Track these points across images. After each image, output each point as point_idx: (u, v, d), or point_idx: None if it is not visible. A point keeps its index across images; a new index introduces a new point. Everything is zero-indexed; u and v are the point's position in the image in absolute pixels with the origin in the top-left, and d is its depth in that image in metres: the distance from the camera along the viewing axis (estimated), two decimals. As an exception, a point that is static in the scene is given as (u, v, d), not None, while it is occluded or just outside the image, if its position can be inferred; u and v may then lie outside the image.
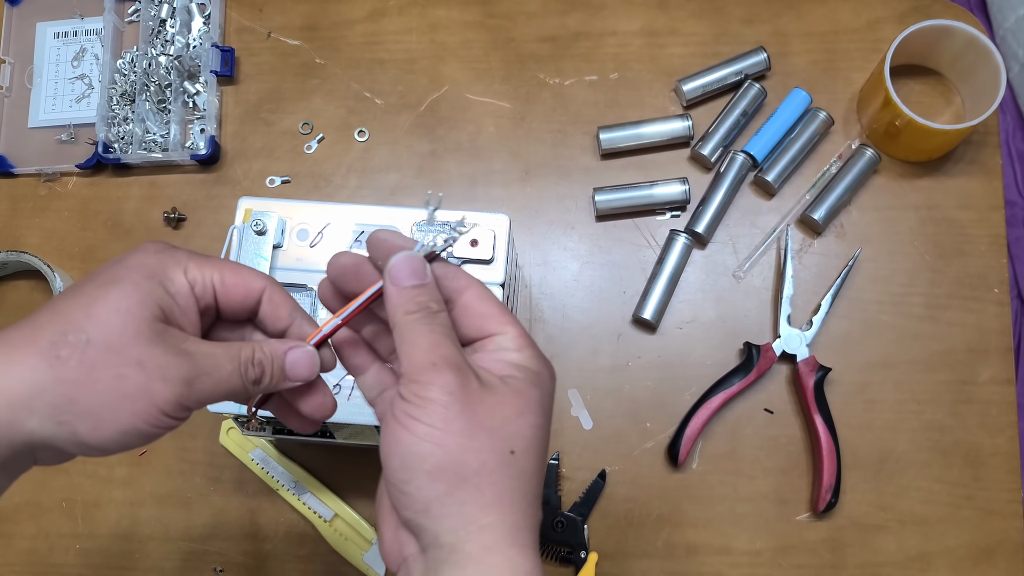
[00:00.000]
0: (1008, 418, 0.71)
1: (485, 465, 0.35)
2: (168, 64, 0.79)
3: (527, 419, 0.36)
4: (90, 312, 0.35)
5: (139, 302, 0.36)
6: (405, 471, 0.35)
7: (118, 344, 0.35)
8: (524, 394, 0.37)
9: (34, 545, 0.72)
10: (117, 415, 0.35)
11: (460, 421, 0.35)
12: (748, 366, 0.71)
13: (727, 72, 0.77)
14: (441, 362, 0.36)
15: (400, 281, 0.37)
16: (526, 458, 0.36)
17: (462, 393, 0.35)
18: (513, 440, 0.36)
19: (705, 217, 0.74)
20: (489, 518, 0.35)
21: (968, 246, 0.74)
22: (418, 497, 0.35)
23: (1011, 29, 1.01)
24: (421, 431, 0.35)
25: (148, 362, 0.35)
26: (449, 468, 0.35)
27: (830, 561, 0.69)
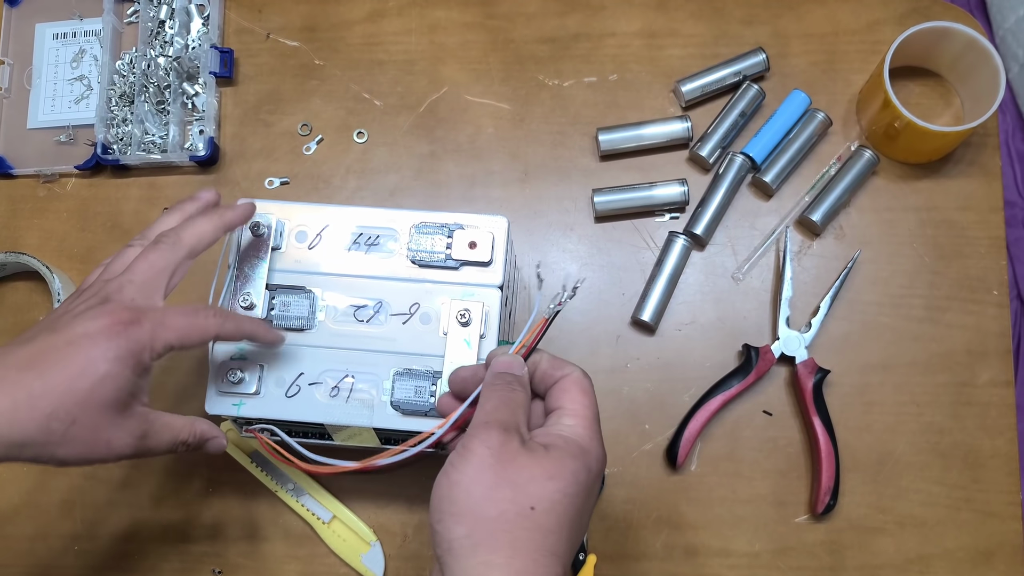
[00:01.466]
0: (1007, 420, 0.71)
1: (503, 515, 0.39)
2: (167, 65, 0.79)
3: (555, 483, 0.41)
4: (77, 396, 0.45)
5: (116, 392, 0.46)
6: (438, 511, 0.41)
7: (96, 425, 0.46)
8: (560, 462, 0.41)
9: (33, 546, 0.72)
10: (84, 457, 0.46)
11: (490, 473, 0.40)
12: (747, 368, 0.71)
13: (726, 73, 0.77)
14: (493, 421, 0.43)
15: (496, 368, 0.47)
16: (547, 517, 0.40)
17: (500, 449, 0.41)
18: (536, 499, 0.40)
19: (704, 219, 0.74)
20: (497, 560, 0.39)
21: (968, 248, 0.74)
22: (444, 536, 0.40)
23: (1011, 30, 1.01)
24: (455, 477, 0.41)
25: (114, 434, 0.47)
26: (471, 513, 0.40)
27: (829, 563, 0.69)
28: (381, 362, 0.57)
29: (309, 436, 0.61)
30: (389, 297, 0.58)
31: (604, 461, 0.45)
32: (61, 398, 0.44)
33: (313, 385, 0.57)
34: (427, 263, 0.58)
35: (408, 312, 0.58)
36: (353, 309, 0.58)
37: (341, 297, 0.58)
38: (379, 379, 0.57)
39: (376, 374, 0.57)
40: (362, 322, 0.58)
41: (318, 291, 0.58)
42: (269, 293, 0.58)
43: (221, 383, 0.57)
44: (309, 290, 0.58)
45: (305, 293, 0.58)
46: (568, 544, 0.41)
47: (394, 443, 0.61)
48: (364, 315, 0.58)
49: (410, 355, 0.57)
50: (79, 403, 0.44)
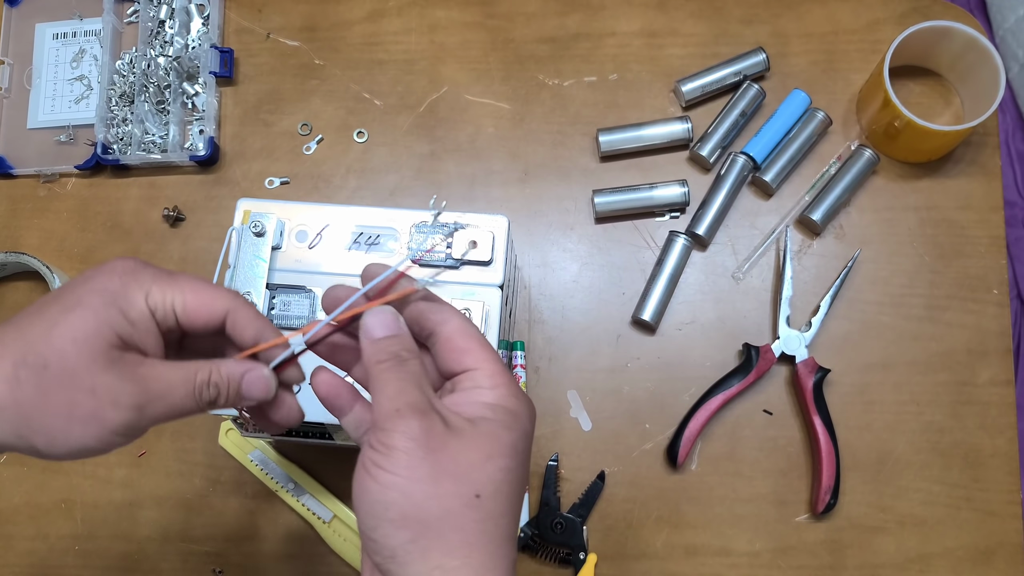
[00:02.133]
0: (1007, 419, 0.71)
1: (449, 511, 0.35)
2: (167, 65, 0.79)
3: (496, 463, 0.36)
4: (50, 337, 0.37)
5: (96, 330, 0.37)
6: (372, 518, 0.36)
7: (72, 370, 0.37)
8: (494, 436, 0.37)
9: (33, 546, 0.72)
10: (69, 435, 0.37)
11: (423, 468, 0.35)
12: (747, 367, 0.71)
13: (726, 73, 0.77)
14: (405, 408, 0.36)
15: (373, 334, 0.39)
16: (494, 502, 0.36)
17: (425, 439, 0.36)
18: (480, 485, 0.36)
19: (706, 219, 0.74)
20: (454, 562, 0.35)
21: (968, 247, 0.74)
22: (385, 544, 0.35)
23: (1011, 30, 1.01)
24: (385, 479, 0.35)
25: (99, 389, 0.37)
26: (413, 516, 0.35)
27: (829, 562, 0.69)
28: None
29: (310, 436, 0.61)
30: (389, 296, 0.58)
31: (534, 415, 0.40)
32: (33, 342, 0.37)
33: (314, 384, 0.57)
34: (428, 262, 0.58)
35: (408, 311, 0.58)
36: (353, 308, 0.58)
37: (341, 296, 0.58)
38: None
39: (377, 373, 0.57)
40: (362, 321, 0.58)
41: (318, 291, 0.58)
42: (269, 292, 0.58)
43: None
44: (309, 290, 0.58)
45: (305, 293, 0.58)
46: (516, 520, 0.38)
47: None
48: (364, 314, 0.58)
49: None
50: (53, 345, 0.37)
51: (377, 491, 0.35)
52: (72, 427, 0.37)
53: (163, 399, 0.38)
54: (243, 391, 0.41)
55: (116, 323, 0.38)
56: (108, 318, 0.38)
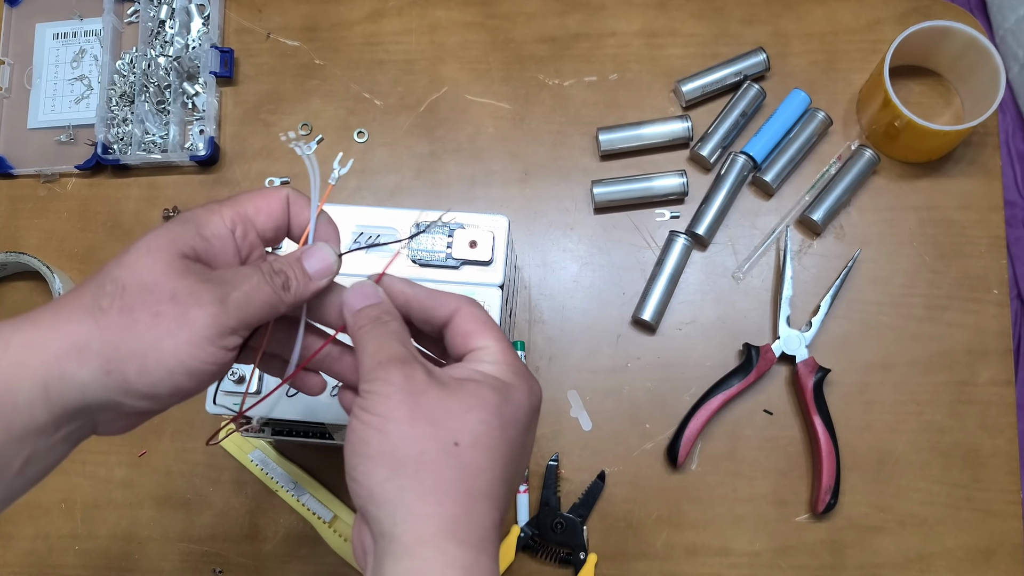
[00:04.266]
0: (1007, 419, 0.71)
1: (425, 453, 0.35)
2: (167, 65, 0.79)
3: (476, 415, 0.37)
4: (122, 260, 0.37)
5: (167, 243, 0.37)
6: (353, 457, 0.36)
7: (150, 283, 0.36)
8: (477, 395, 0.37)
9: (33, 546, 0.72)
10: (162, 352, 0.35)
11: (402, 409, 0.36)
12: (747, 367, 0.71)
13: (726, 73, 0.77)
14: (386, 360, 0.37)
15: (353, 306, 0.40)
16: (472, 453, 0.36)
17: (405, 383, 0.36)
18: (457, 433, 0.36)
19: (706, 219, 0.74)
20: (426, 508, 0.35)
21: (968, 247, 0.74)
22: (363, 483, 0.36)
23: (1011, 29, 1.01)
24: (366, 419, 0.36)
25: (180, 292, 0.36)
26: (388, 452, 0.35)
27: (829, 562, 0.69)
28: (382, 361, 0.57)
29: (310, 436, 0.61)
30: (390, 296, 0.58)
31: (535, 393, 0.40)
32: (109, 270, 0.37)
33: (314, 384, 0.57)
34: (428, 262, 0.58)
35: (409, 311, 0.58)
36: (354, 308, 0.58)
37: (342, 296, 0.58)
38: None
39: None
40: (363, 321, 0.58)
41: (319, 290, 0.58)
42: (270, 292, 0.58)
43: (222, 382, 0.57)
44: (310, 289, 0.58)
45: (306, 292, 0.58)
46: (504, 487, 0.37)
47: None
48: (365, 314, 0.58)
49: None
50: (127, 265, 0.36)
51: (360, 429, 0.36)
52: (164, 341, 0.35)
53: (240, 287, 0.37)
54: (307, 267, 0.40)
55: (189, 237, 0.38)
56: (180, 233, 0.38)
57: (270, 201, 0.42)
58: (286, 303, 0.39)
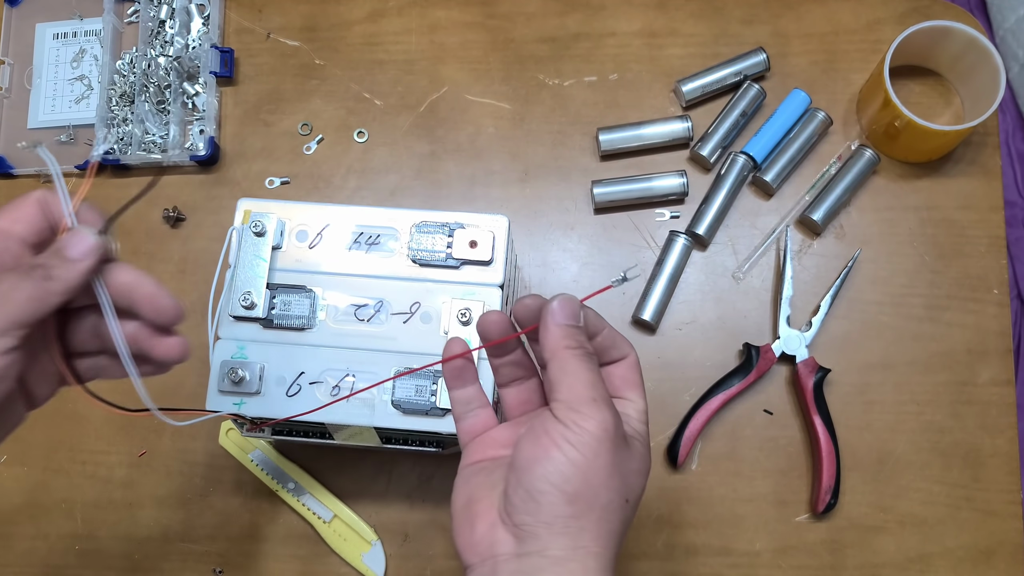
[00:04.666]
0: (1008, 419, 0.71)
1: (611, 503, 0.38)
2: (167, 65, 0.79)
3: (644, 478, 0.41)
4: None
5: None
6: (545, 483, 0.37)
7: None
8: (642, 457, 0.41)
9: (33, 546, 0.72)
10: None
11: (607, 458, 0.38)
12: (747, 367, 0.71)
13: (726, 73, 0.77)
14: (602, 400, 0.39)
15: (559, 319, 0.40)
16: (632, 510, 0.40)
17: (615, 431, 0.38)
18: (631, 491, 0.40)
19: (706, 219, 0.74)
20: (597, 548, 0.38)
21: (968, 247, 0.74)
22: (548, 510, 0.37)
23: (1011, 29, 1.01)
24: (572, 454, 0.37)
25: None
26: (584, 496, 0.38)
27: (829, 562, 0.69)
28: (382, 361, 0.57)
29: (310, 435, 0.61)
30: (390, 296, 0.58)
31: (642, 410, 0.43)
32: None
33: (314, 384, 0.57)
34: (428, 262, 0.58)
35: (409, 311, 0.58)
36: (354, 308, 0.58)
37: (342, 296, 0.58)
38: (380, 378, 0.57)
39: (377, 373, 0.57)
40: (363, 321, 0.58)
41: (319, 290, 0.58)
42: (270, 292, 0.58)
43: (222, 382, 0.57)
44: (310, 289, 0.58)
45: (306, 292, 0.58)
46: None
47: (395, 443, 0.61)
48: (365, 314, 0.58)
49: (411, 354, 0.57)
50: None
51: (560, 461, 0.37)
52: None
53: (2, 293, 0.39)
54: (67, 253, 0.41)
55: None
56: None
57: (23, 209, 0.42)
58: (56, 292, 0.40)
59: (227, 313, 0.58)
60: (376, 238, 0.59)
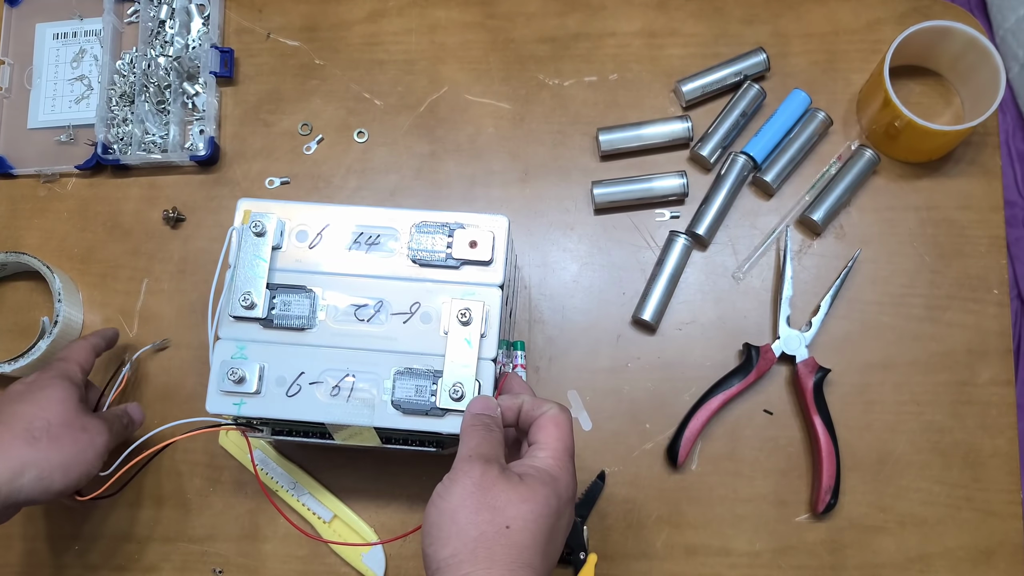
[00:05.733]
0: (1008, 419, 0.71)
1: (483, 534, 0.45)
2: (167, 65, 0.79)
3: (528, 505, 0.46)
4: (43, 408, 0.60)
5: (67, 394, 0.62)
6: (428, 536, 0.46)
7: (67, 420, 0.60)
8: (532, 488, 0.47)
9: (33, 546, 0.72)
10: (80, 462, 0.60)
11: (472, 500, 0.46)
12: (747, 367, 0.71)
13: (727, 73, 0.77)
14: (475, 456, 0.48)
15: (472, 410, 0.53)
16: (521, 534, 0.45)
17: (481, 479, 0.47)
18: (511, 519, 0.45)
19: (706, 219, 0.74)
20: (478, 573, 0.44)
21: (968, 247, 0.74)
22: (433, 557, 0.45)
23: (1011, 30, 1.01)
24: (442, 505, 0.47)
25: (88, 426, 0.61)
26: (455, 536, 0.45)
27: (829, 562, 0.69)
28: (382, 361, 0.57)
29: (310, 436, 0.61)
30: (390, 296, 0.58)
31: (573, 488, 0.50)
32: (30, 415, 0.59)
33: (314, 384, 0.57)
34: (428, 262, 0.58)
35: (409, 311, 0.58)
36: (354, 308, 0.58)
37: (342, 296, 0.58)
38: (380, 378, 0.57)
39: (377, 373, 0.57)
40: (363, 321, 0.58)
41: (319, 290, 0.58)
42: (270, 292, 0.58)
43: (222, 382, 0.57)
44: (310, 289, 0.58)
45: (306, 292, 0.58)
46: (543, 559, 0.46)
47: (395, 443, 0.61)
48: (365, 314, 0.58)
49: (411, 354, 0.57)
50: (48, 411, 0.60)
51: (435, 514, 0.46)
52: (80, 456, 0.60)
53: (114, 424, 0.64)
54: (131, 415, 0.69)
55: (74, 389, 0.63)
56: (69, 387, 0.62)
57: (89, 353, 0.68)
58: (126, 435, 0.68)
59: (227, 313, 0.58)
60: (376, 238, 0.59)
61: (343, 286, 0.58)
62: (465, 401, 0.55)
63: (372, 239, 0.59)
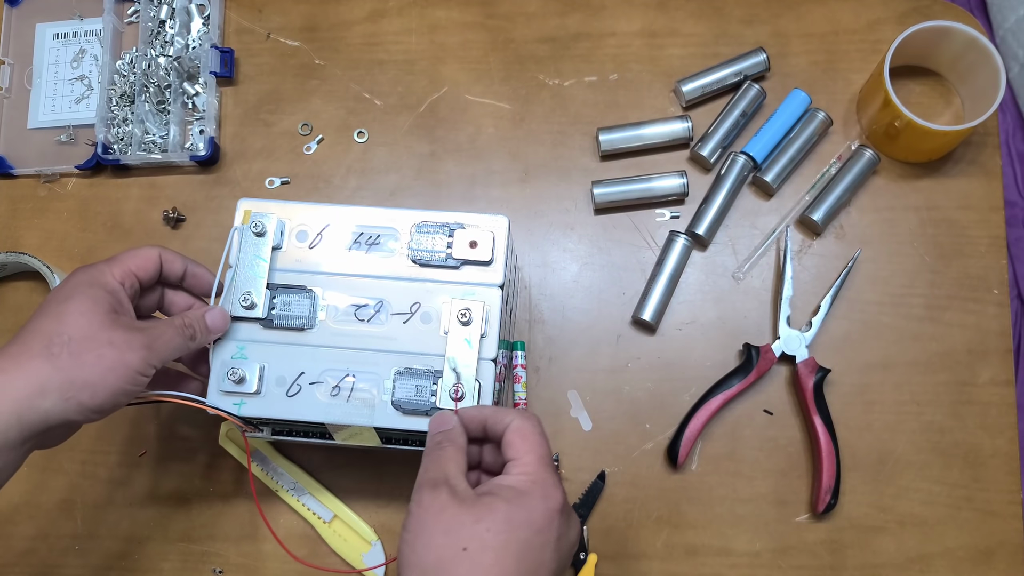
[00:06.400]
0: (1008, 419, 0.71)
1: (441, 560, 0.45)
2: (167, 65, 0.79)
3: (483, 524, 0.45)
4: (63, 321, 0.50)
5: (94, 304, 0.51)
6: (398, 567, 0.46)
7: (92, 335, 0.50)
8: (488, 506, 0.46)
9: (33, 546, 0.72)
10: (107, 382, 0.50)
11: (424, 527, 0.46)
12: (747, 367, 0.71)
13: (727, 73, 0.77)
14: (424, 483, 0.48)
15: (431, 430, 0.53)
16: (482, 555, 0.44)
17: (429, 505, 0.47)
18: (467, 541, 0.45)
19: (706, 219, 0.74)
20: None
21: (968, 247, 0.74)
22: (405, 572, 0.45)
23: (1011, 30, 1.01)
24: (404, 536, 0.47)
25: (116, 340, 0.51)
26: (416, 565, 0.45)
27: (829, 562, 0.69)
28: (382, 361, 0.57)
29: (310, 436, 0.61)
30: (390, 296, 0.58)
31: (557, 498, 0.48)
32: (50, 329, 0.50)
33: (314, 384, 0.57)
34: (428, 262, 0.58)
35: (409, 311, 0.58)
36: (354, 308, 0.58)
37: (342, 296, 0.58)
38: (380, 378, 0.57)
39: (377, 373, 0.57)
40: (363, 321, 0.58)
41: (319, 290, 0.58)
42: (270, 292, 0.58)
43: (222, 382, 0.57)
44: (310, 289, 0.58)
45: (306, 292, 0.58)
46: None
47: (395, 442, 0.61)
48: (365, 314, 0.58)
49: (411, 354, 0.57)
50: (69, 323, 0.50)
51: (401, 547, 0.47)
52: (107, 375, 0.50)
53: (160, 338, 0.53)
54: (208, 323, 0.56)
55: (103, 297, 0.52)
56: (96, 295, 0.52)
57: (147, 261, 0.56)
58: (193, 348, 0.55)
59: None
60: (376, 238, 0.59)
61: (343, 286, 0.59)
62: (466, 401, 0.55)
63: (372, 239, 0.59)
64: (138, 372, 0.51)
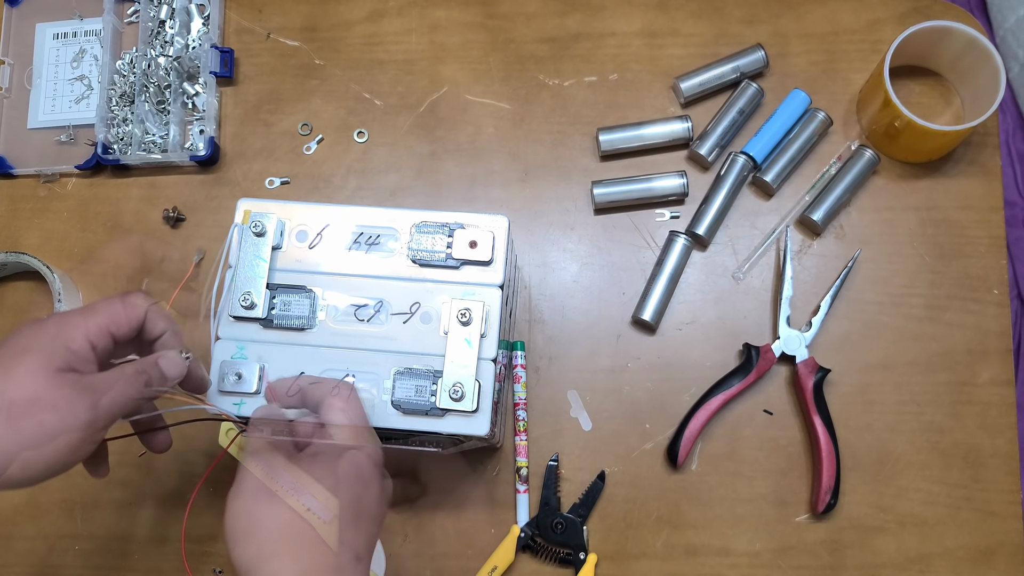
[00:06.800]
0: (1008, 419, 0.71)
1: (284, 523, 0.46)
2: (167, 65, 0.79)
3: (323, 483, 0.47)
4: (9, 378, 0.45)
5: (44, 361, 0.46)
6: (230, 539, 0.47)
7: (33, 396, 0.45)
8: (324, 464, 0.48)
9: (33, 546, 0.72)
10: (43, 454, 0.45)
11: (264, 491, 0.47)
12: (747, 367, 0.71)
13: (725, 69, 0.77)
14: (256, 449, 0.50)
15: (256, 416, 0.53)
16: None
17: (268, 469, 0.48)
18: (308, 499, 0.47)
19: (706, 219, 0.74)
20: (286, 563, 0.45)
21: (968, 247, 0.74)
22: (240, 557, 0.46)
23: (1011, 30, 1.01)
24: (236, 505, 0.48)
25: (59, 403, 0.45)
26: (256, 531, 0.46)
27: (829, 562, 0.69)
28: (382, 361, 0.57)
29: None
30: (390, 296, 0.58)
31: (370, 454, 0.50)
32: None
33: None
34: (428, 262, 0.58)
35: (409, 311, 0.58)
36: (354, 308, 0.58)
37: (342, 296, 0.58)
38: (380, 378, 0.57)
39: (377, 373, 0.57)
40: (363, 321, 0.58)
41: (319, 290, 0.58)
42: (270, 292, 0.58)
43: (222, 383, 0.57)
44: (310, 289, 0.58)
45: (306, 292, 0.58)
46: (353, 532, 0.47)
47: (395, 443, 0.61)
48: (365, 314, 0.58)
49: (411, 354, 0.57)
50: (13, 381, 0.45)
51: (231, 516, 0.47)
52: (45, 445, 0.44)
53: (109, 393, 0.47)
54: (163, 369, 0.50)
55: (61, 355, 0.47)
56: (54, 351, 0.46)
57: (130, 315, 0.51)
58: (150, 396, 0.50)
59: (227, 313, 0.58)
60: (376, 238, 0.59)
61: (343, 286, 0.58)
62: (466, 401, 0.55)
63: (372, 239, 0.59)
64: (82, 439, 0.46)
